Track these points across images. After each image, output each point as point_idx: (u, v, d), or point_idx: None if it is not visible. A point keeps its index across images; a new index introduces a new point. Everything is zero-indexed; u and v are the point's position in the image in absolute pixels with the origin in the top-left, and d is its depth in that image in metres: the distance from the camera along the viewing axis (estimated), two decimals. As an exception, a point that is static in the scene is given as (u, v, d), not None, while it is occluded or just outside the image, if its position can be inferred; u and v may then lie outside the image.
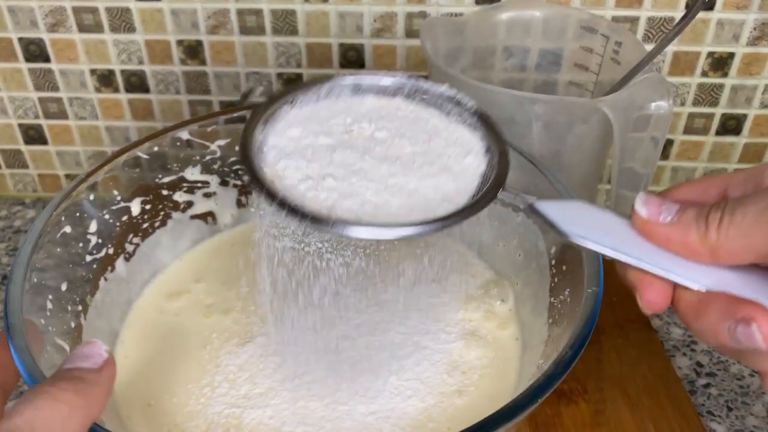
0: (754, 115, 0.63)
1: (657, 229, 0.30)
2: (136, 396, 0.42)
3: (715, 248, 0.29)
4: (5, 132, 0.66)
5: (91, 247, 0.44)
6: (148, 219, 0.48)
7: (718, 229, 0.28)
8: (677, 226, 0.30)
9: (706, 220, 0.29)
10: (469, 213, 0.33)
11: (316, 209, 0.31)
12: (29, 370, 0.33)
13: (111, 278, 0.46)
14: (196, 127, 0.48)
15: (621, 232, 0.31)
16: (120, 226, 0.47)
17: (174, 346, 0.44)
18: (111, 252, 0.46)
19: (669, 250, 0.30)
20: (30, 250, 0.39)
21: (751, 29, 0.58)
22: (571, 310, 0.37)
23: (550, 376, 0.32)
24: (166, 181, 0.49)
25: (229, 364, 0.43)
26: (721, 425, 0.48)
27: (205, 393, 0.41)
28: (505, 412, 0.31)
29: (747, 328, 0.27)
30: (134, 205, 0.47)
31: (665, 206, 0.30)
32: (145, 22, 0.60)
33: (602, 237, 0.31)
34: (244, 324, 0.45)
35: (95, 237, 0.45)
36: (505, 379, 0.42)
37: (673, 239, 0.30)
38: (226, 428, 0.39)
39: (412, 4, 0.58)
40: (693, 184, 0.32)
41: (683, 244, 0.30)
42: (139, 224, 0.48)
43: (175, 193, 0.49)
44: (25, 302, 0.36)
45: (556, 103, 0.46)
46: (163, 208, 0.49)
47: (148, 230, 0.49)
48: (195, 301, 0.47)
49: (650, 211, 0.30)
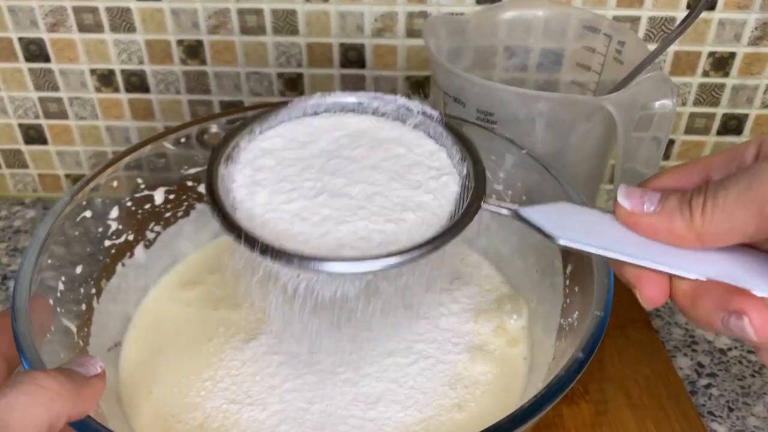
0: (755, 115, 0.62)
1: (642, 220, 0.30)
2: (139, 382, 0.42)
3: (701, 233, 0.29)
4: (5, 132, 0.66)
5: (111, 232, 0.45)
6: (171, 209, 0.49)
7: (702, 213, 0.28)
8: (661, 215, 0.30)
9: (690, 206, 0.29)
10: (453, 232, 0.32)
11: (294, 250, 0.31)
12: (30, 357, 0.33)
13: (129, 264, 0.46)
14: (224, 121, 0.48)
15: (608, 229, 0.31)
16: (142, 214, 0.47)
17: (181, 336, 0.45)
18: (131, 239, 0.46)
19: (656, 239, 0.30)
20: (46, 231, 0.39)
21: (753, 29, 0.58)
22: (577, 334, 0.36)
23: (537, 401, 0.31)
24: (192, 173, 0.49)
25: (233, 359, 0.43)
26: (722, 425, 0.48)
27: (206, 386, 0.41)
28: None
29: (739, 321, 0.28)
30: (158, 194, 0.48)
31: (647, 196, 0.30)
32: (146, 22, 0.60)
33: (590, 236, 0.31)
34: (252, 320, 0.45)
35: (116, 223, 0.45)
36: (508, 398, 0.41)
37: (658, 228, 0.30)
38: (222, 423, 0.39)
39: (412, 3, 0.58)
40: (674, 172, 0.32)
41: (669, 232, 0.29)
42: (161, 213, 0.48)
43: (200, 185, 0.49)
44: (35, 283, 0.37)
45: (560, 101, 0.45)
46: (187, 198, 0.49)
47: (170, 219, 0.49)
48: (207, 292, 0.48)
49: (632, 203, 0.30)
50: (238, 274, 0.47)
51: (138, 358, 0.44)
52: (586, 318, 0.35)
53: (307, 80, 0.62)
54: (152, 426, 0.40)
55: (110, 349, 0.43)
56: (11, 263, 0.62)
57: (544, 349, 0.41)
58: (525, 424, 0.31)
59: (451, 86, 0.47)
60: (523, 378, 0.42)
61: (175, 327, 0.45)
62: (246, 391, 0.41)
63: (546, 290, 0.43)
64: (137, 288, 0.47)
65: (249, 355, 0.43)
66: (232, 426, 0.39)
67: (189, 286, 0.48)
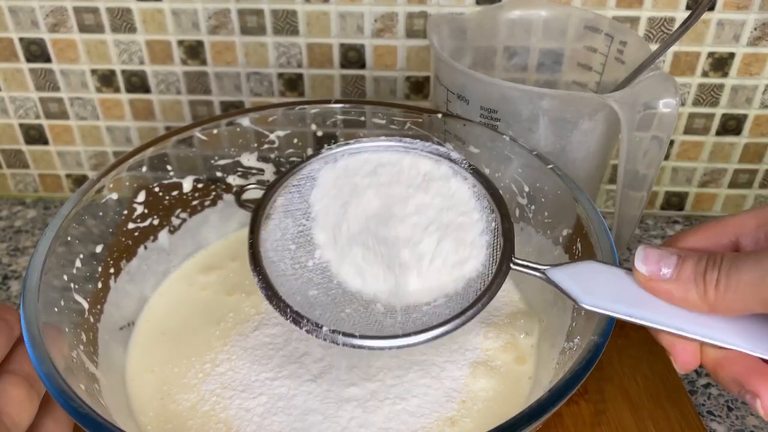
0: (754, 115, 0.63)
1: (658, 286, 0.31)
2: (144, 362, 0.43)
3: (713, 306, 0.30)
4: (6, 132, 0.66)
5: (136, 215, 0.46)
6: (199, 197, 0.50)
7: (715, 289, 0.29)
8: (677, 284, 0.31)
9: (704, 279, 0.30)
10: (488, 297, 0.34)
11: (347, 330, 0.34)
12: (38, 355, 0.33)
13: (152, 247, 0.48)
14: (257, 115, 0.49)
15: (633, 292, 0.32)
16: (169, 200, 0.48)
17: (192, 318, 0.45)
18: (156, 223, 0.48)
19: (673, 304, 0.31)
20: (70, 209, 0.40)
21: (752, 29, 0.58)
22: (573, 358, 0.35)
23: (519, 419, 0.30)
24: (222, 164, 0.50)
25: (236, 345, 0.43)
26: (722, 425, 0.48)
27: (204, 369, 0.42)
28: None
29: (752, 400, 0.30)
30: (186, 182, 0.49)
31: (664, 260, 0.31)
32: (146, 23, 0.60)
33: (615, 301, 0.32)
34: (261, 309, 0.45)
35: (141, 207, 0.46)
36: (506, 417, 0.40)
37: (674, 296, 0.31)
38: (212, 407, 0.39)
39: (412, 4, 0.58)
40: (702, 231, 0.33)
41: (684, 301, 0.31)
42: (188, 201, 0.49)
43: (228, 176, 0.51)
44: (51, 259, 0.37)
45: (564, 98, 0.45)
46: (215, 189, 0.51)
47: (197, 207, 0.50)
48: (224, 278, 0.48)
49: (649, 268, 0.31)
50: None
51: (147, 337, 0.44)
52: (586, 342, 0.35)
53: (307, 81, 0.62)
54: (148, 405, 0.40)
55: (122, 328, 0.44)
56: (12, 263, 0.62)
57: (547, 371, 0.40)
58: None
59: (455, 83, 0.47)
60: (525, 398, 0.41)
61: (187, 309, 0.46)
62: (242, 378, 0.41)
63: (557, 312, 0.42)
64: (157, 271, 0.48)
65: (252, 343, 0.43)
66: (221, 411, 0.39)
67: (208, 271, 0.49)
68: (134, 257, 0.46)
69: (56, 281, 0.38)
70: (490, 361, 0.42)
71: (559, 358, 0.39)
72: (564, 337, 0.40)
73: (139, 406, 0.40)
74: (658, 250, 0.31)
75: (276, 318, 0.44)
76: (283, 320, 0.34)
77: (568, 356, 0.37)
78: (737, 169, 0.66)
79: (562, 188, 0.42)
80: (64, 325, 0.38)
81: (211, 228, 0.51)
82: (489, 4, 0.57)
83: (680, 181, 0.67)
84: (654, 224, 0.67)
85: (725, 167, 0.66)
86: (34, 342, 0.33)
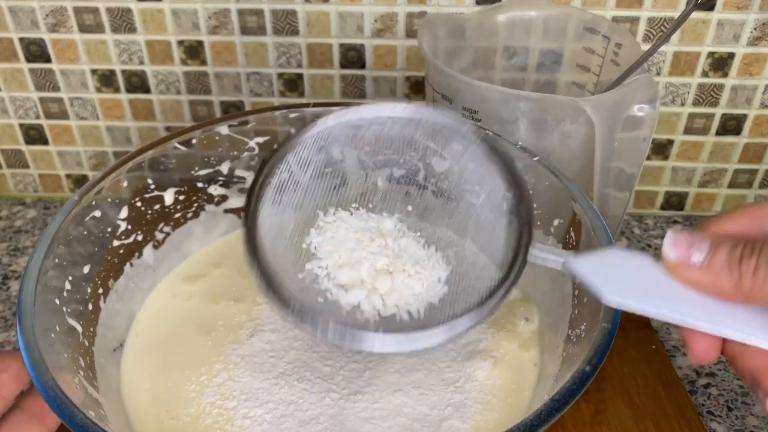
0: (754, 115, 0.63)
1: (687, 274, 0.29)
2: (137, 380, 0.42)
3: (749, 295, 0.28)
4: (6, 132, 0.67)
5: (120, 232, 0.45)
6: (181, 209, 0.49)
7: (753, 277, 0.27)
8: (708, 273, 0.29)
9: (739, 268, 0.28)
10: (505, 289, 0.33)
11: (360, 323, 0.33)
12: (32, 357, 0.33)
13: (137, 264, 0.47)
14: (236, 123, 0.48)
15: (660, 282, 0.30)
16: (152, 214, 0.47)
17: (180, 329, 0.44)
18: (140, 239, 0.47)
19: (702, 292, 0.29)
20: (54, 230, 0.39)
21: (752, 29, 0.58)
22: (584, 346, 0.35)
23: (536, 418, 0.30)
24: (202, 174, 0.49)
25: (231, 354, 0.42)
26: (722, 425, 0.48)
27: (201, 381, 0.41)
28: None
29: (764, 397, 0.29)
30: (168, 194, 0.48)
31: (695, 246, 0.29)
32: (146, 23, 0.60)
33: (641, 294, 0.30)
34: (252, 315, 0.45)
35: (125, 223, 0.45)
36: (515, 406, 0.39)
37: (704, 284, 0.29)
38: (215, 419, 0.39)
39: (412, 4, 0.58)
40: (738, 215, 0.30)
41: (715, 289, 0.29)
42: (171, 214, 0.48)
43: (210, 186, 0.50)
44: (41, 283, 0.36)
45: (540, 101, 0.45)
46: (197, 200, 0.49)
47: (180, 220, 0.49)
48: (209, 286, 0.47)
49: (679, 254, 0.29)
50: (242, 268, 0.47)
51: (137, 354, 0.43)
52: (594, 330, 0.34)
53: (307, 81, 0.62)
54: (148, 425, 0.39)
55: (115, 350, 0.43)
56: (12, 263, 0.62)
57: (553, 358, 0.40)
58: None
59: (440, 84, 0.47)
60: (532, 388, 0.40)
61: (175, 321, 0.45)
62: (242, 387, 0.40)
63: (556, 299, 0.42)
64: (144, 288, 0.47)
65: (248, 351, 0.42)
66: (225, 422, 0.38)
67: (192, 280, 0.48)
68: (121, 275, 0.45)
69: (49, 306, 0.37)
70: (492, 350, 0.42)
71: (565, 347, 0.38)
72: (567, 324, 0.39)
73: (140, 428, 0.39)
74: (689, 235, 0.29)
75: (273, 324, 0.43)
76: (280, 326, 0.33)
77: (575, 344, 0.37)
78: (737, 169, 0.66)
79: (550, 179, 0.42)
80: (62, 351, 0.37)
81: (195, 240, 0.50)
82: (488, 4, 0.57)
83: (680, 181, 0.67)
84: (654, 224, 0.67)
85: (725, 167, 0.66)
86: (47, 386, 0.32)
